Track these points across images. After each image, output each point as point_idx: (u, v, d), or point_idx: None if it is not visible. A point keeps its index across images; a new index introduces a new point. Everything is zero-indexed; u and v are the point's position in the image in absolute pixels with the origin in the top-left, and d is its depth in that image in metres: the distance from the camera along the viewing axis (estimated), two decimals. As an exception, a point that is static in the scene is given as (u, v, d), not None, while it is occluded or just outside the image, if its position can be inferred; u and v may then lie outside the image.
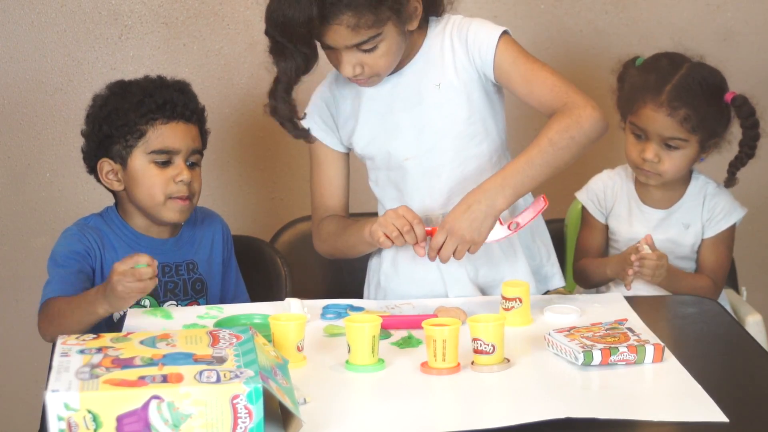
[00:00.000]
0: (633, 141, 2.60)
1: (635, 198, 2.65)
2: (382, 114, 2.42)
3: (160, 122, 2.44)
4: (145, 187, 2.45)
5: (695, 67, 2.60)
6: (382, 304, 2.37)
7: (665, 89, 2.54)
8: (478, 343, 1.99)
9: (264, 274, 2.72)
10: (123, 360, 1.72)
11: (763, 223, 3.39)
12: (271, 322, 2.05)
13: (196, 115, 2.50)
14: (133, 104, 2.44)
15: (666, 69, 2.58)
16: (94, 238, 2.45)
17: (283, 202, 3.32)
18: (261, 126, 3.27)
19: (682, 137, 2.55)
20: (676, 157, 2.57)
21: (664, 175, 2.59)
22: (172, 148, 2.44)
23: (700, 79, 2.57)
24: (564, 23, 3.29)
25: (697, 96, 2.54)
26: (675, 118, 2.53)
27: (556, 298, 2.44)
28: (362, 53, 2.28)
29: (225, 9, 3.21)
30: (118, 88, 2.51)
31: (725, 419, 1.79)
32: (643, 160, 2.57)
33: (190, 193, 2.47)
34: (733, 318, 2.35)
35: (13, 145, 3.23)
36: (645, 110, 2.56)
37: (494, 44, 2.34)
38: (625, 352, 1.99)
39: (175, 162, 2.45)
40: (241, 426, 1.65)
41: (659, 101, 2.54)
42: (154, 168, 2.44)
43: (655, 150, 2.56)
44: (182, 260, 2.52)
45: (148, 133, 2.43)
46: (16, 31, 3.17)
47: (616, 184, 2.70)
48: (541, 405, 1.83)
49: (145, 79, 2.52)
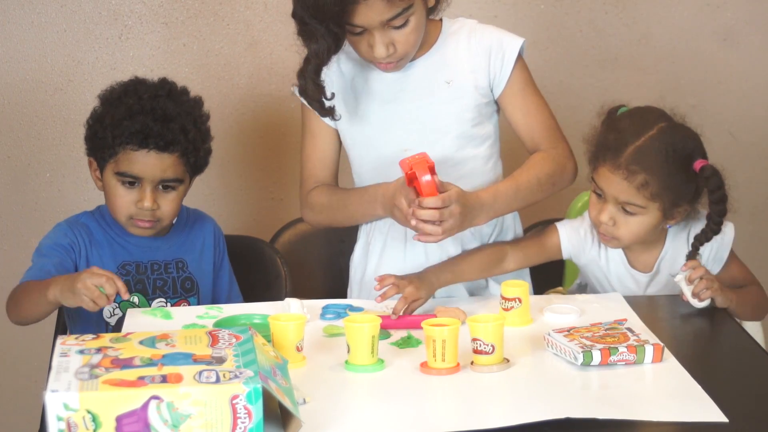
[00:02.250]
0: (594, 199, 2.42)
1: (624, 260, 2.49)
2: (387, 102, 2.42)
3: (130, 148, 2.42)
4: (111, 203, 2.48)
5: (666, 130, 2.36)
6: (381, 304, 2.37)
7: (625, 152, 2.33)
8: (478, 343, 1.99)
9: (264, 274, 2.72)
10: (122, 360, 1.72)
11: (763, 223, 3.39)
12: (270, 322, 2.05)
13: (174, 145, 2.44)
14: (113, 122, 2.44)
15: (631, 129, 2.36)
16: (81, 234, 2.48)
17: (283, 202, 3.32)
18: (261, 126, 3.27)
19: (638, 204, 2.34)
20: (633, 223, 2.37)
21: (621, 240, 2.39)
22: (138, 175, 2.43)
23: (668, 145, 2.33)
24: (564, 23, 3.29)
25: (659, 162, 2.32)
26: (632, 182, 2.32)
27: (555, 298, 2.44)
28: (393, 30, 2.28)
29: (225, 9, 3.21)
30: (116, 96, 2.49)
31: (725, 419, 1.79)
32: (599, 222, 2.40)
33: (155, 217, 2.46)
34: (732, 318, 2.34)
35: (13, 145, 3.23)
36: (603, 170, 2.36)
37: (513, 60, 2.41)
38: (624, 352, 1.99)
39: (142, 186, 2.44)
40: (240, 426, 1.65)
41: (617, 163, 2.33)
42: (120, 187, 2.45)
43: (610, 213, 2.37)
44: (171, 258, 2.53)
45: (119, 154, 2.43)
46: (16, 31, 3.17)
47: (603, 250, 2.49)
48: (541, 405, 1.83)
49: (139, 96, 2.47)
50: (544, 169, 2.39)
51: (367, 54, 2.32)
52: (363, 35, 2.28)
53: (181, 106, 2.49)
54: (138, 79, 2.54)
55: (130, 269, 2.48)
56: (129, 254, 2.50)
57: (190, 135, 2.46)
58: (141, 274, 2.49)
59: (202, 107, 2.55)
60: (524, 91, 2.43)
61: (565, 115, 3.05)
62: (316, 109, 2.40)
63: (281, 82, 3.24)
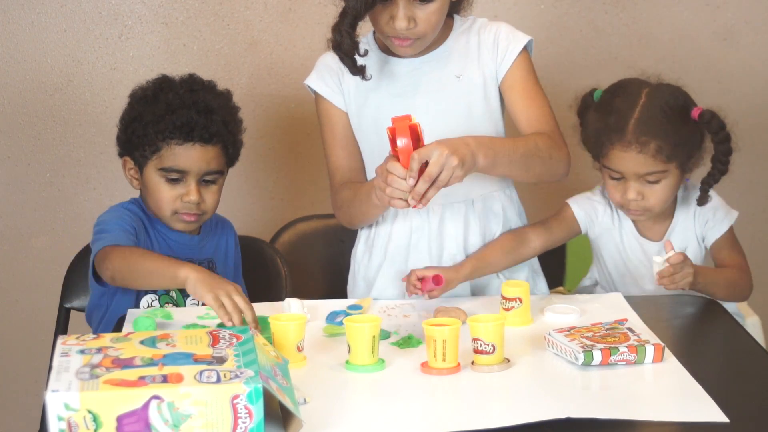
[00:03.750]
0: (612, 183, 2.47)
1: (634, 231, 2.55)
2: (397, 95, 2.43)
3: (175, 142, 2.43)
4: (155, 200, 2.47)
5: (655, 92, 2.44)
6: (381, 304, 2.37)
7: (628, 128, 2.40)
8: (478, 343, 1.99)
9: (264, 274, 2.72)
10: (123, 360, 1.72)
11: (763, 223, 3.39)
12: (271, 322, 2.05)
13: (218, 137, 2.47)
14: (154, 118, 2.44)
15: (624, 105, 2.43)
16: (136, 221, 2.47)
17: (283, 202, 3.32)
18: (261, 126, 3.27)
19: (659, 170, 2.41)
20: (659, 189, 2.44)
21: (653, 210, 2.47)
22: (183, 168, 2.44)
23: (662, 105, 2.42)
24: (564, 23, 3.29)
25: (663, 124, 2.40)
26: (647, 153, 2.39)
27: (556, 298, 2.44)
28: (418, 5, 2.30)
29: (225, 9, 3.21)
30: (151, 93, 2.49)
31: (725, 419, 1.79)
32: (627, 201, 2.45)
33: (200, 210, 2.47)
34: (733, 318, 2.35)
35: (13, 145, 3.23)
36: (614, 152, 2.42)
37: (518, 50, 2.42)
38: (625, 352, 1.99)
39: (186, 180, 2.45)
40: (241, 426, 1.65)
41: (626, 141, 2.40)
42: (164, 183, 2.45)
43: (636, 189, 2.43)
44: (204, 258, 2.53)
45: (162, 150, 2.44)
46: (16, 31, 3.17)
47: (614, 211, 2.56)
48: (541, 405, 1.83)
49: (176, 91, 2.48)
50: (543, 140, 2.36)
51: (387, 27, 2.32)
52: (387, 5, 2.29)
53: (218, 98, 2.52)
54: (167, 76, 2.54)
55: None
56: (169, 250, 2.48)
57: (230, 126, 2.50)
58: None
59: (232, 99, 2.57)
60: (526, 80, 2.43)
61: (566, 116, 3.05)
62: (347, 66, 2.39)
63: (281, 82, 3.24)
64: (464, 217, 2.45)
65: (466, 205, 2.45)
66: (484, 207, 2.46)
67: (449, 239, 2.44)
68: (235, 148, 2.53)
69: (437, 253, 2.45)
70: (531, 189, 3.24)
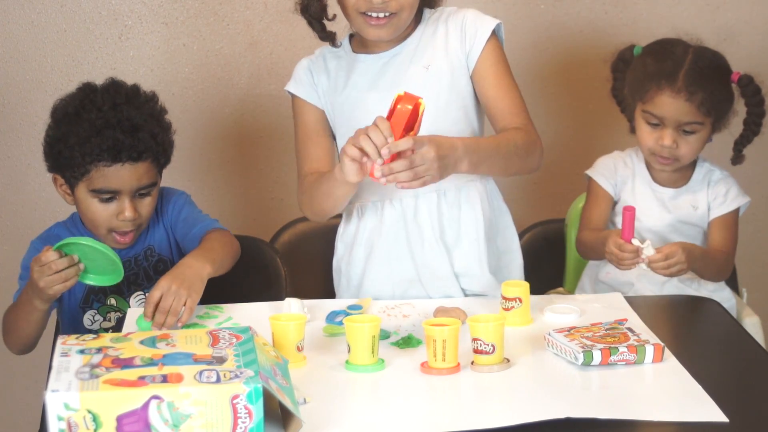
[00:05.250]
0: (648, 129, 2.60)
1: (647, 177, 2.67)
2: (367, 90, 2.43)
3: (103, 164, 2.38)
4: (89, 219, 2.44)
5: (700, 51, 2.61)
6: (382, 304, 2.37)
7: (680, 75, 2.55)
8: (478, 343, 1.99)
9: (264, 274, 2.72)
10: (123, 360, 1.72)
11: (763, 223, 3.39)
12: (271, 322, 2.05)
13: (146, 153, 2.41)
14: (80, 140, 2.37)
15: (678, 54, 2.59)
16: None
17: (283, 202, 3.32)
18: (261, 126, 3.27)
19: (698, 121, 2.56)
20: (692, 141, 2.58)
21: (682, 160, 2.61)
22: (115, 188, 2.40)
23: (708, 62, 2.59)
24: (564, 23, 3.29)
25: (709, 79, 2.56)
26: (693, 102, 2.54)
27: (556, 298, 2.44)
28: None
29: (225, 9, 3.21)
30: (73, 111, 2.42)
31: (725, 419, 1.79)
32: (661, 147, 2.58)
33: (136, 225, 2.44)
34: (733, 318, 2.35)
35: (13, 145, 3.23)
36: (661, 97, 2.56)
37: (486, 37, 2.40)
38: (625, 352, 1.99)
39: (120, 198, 2.41)
40: (241, 426, 1.65)
41: (676, 87, 2.55)
42: (97, 203, 2.41)
43: (672, 136, 2.57)
44: (140, 250, 2.51)
45: (91, 172, 2.39)
46: (16, 31, 3.17)
47: (627, 163, 2.71)
48: (541, 405, 1.83)
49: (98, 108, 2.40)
50: (520, 138, 2.34)
51: (362, 2, 2.31)
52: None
53: (143, 110, 2.45)
54: (87, 85, 2.47)
55: None
56: None
57: (158, 138, 2.44)
58: None
59: (158, 103, 2.51)
60: (498, 66, 2.41)
61: (566, 116, 3.06)
62: (316, 31, 2.41)
63: (281, 82, 3.22)
64: (437, 206, 2.43)
65: (438, 195, 2.44)
66: (457, 197, 2.44)
67: (426, 229, 2.43)
68: (166, 156, 2.48)
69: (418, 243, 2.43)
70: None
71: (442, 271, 2.43)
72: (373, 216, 2.46)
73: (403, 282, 2.44)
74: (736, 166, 2.73)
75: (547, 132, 3.31)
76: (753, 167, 3.24)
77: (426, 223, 2.43)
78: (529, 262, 2.56)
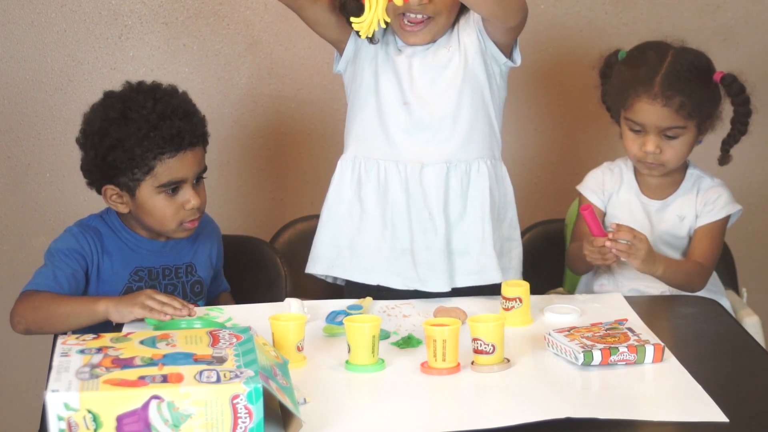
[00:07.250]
0: (631, 136, 2.58)
1: (635, 187, 2.65)
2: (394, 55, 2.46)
3: (168, 156, 2.38)
4: (156, 217, 2.42)
5: (680, 52, 2.58)
6: (382, 304, 2.37)
7: (656, 80, 2.53)
8: (478, 343, 1.99)
9: (264, 274, 2.72)
10: (123, 360, 1.72)
11: (763, 223, 3.39)
12: (271, 322, 2.05)
13: (201, 137, 2.44)
14: (138, 138, 2.36)
15: (653, 59, 2.56)
16: (94, 240, 2.44)
17: (283, 202, 3.32)
18: (261, 126, 3.27)
19: (680, 125, 2.53)
20: (676, 145, 2.56)
21: (668, 165, 2.58)
22: (182, 178, 2.40)
23: (688, 64, 2.56)
24: (564, 23, 3.29)
25: (688, 82, 2.53)
26: (671, 107, 2.51)
27: (556, 298, 2.44)
28: None
29: (225, 9, 3.21)
30: (120, 116, 2.39)
31: (725, 419, 1.79)
32: (645, 153, 2.56)
33: (201, 211, 2.46)
34: (733, 318, 2.35)
35: (13, 145, 3.23)
36: (639, 104, 2.54)
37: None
38: (625, 352, 1.99)
39: (184, 188, 2.41)
40: (241, 426, 1.65)
41: (652, 93, 2.52)
42: (163, 198, 2.40)
43: (655, 142, 2.55)
44: (181, 263, 2.51)
45: (156, 168, 2.38)
46: (16, 31, 3.17)
47: (616, 174, 2.69)
48: (541, 405, 1.83)
49: (143, 105, 2.40)
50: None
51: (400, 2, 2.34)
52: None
53: (182, 99, 2.47)
54: (110, 93, 2.46)
55: (142, 275, 2.45)
56: (141, 260, 2.46)
57: (204, 121, 2.48)
58: (153, 279, 2.46)
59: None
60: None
61: (566, 116, 3.06)
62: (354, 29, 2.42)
63: (281, 82, 3.24)
64: (445, 178, 2.43)
65: (448, 166, 2.44)
66: (466, 170, 2.45)
67: (431, 199, 2.43)
68: (207, 140, 2.51)
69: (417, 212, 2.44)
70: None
71: (436, 246, 2.42)
72: (375, 175, 2.46)
73: (395, 251, 2.44)
74: (736, 167, 2.72)
75: (547, 132, 3.31)
76: (753, 167, 3.24)
77: (432, 193, 2.43)
78: (529, 262, 2.56)
